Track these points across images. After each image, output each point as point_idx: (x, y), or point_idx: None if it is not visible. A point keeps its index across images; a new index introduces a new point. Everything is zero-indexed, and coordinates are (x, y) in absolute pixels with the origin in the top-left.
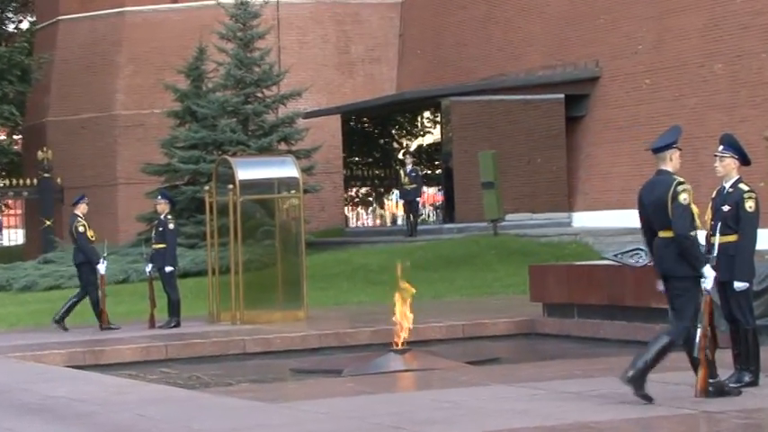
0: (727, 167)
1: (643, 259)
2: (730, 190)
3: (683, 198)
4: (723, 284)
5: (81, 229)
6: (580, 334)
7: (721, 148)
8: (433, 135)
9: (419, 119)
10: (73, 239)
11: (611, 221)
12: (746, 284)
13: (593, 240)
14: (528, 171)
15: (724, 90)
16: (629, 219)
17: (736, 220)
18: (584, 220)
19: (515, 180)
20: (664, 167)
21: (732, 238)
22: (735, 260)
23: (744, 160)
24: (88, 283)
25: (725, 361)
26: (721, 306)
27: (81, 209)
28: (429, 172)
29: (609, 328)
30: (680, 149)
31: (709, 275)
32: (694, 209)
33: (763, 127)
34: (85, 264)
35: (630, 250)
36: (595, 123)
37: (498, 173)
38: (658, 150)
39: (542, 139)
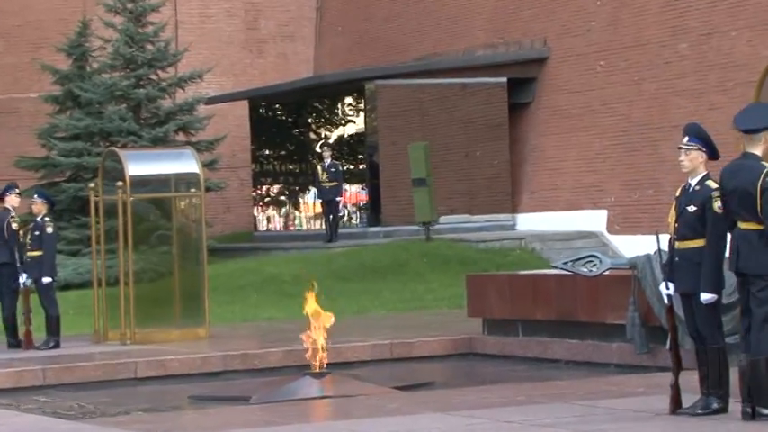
0: (694, 162)
1: (598, 267)
2: (697, 188)
3: None
4: (688, 296)
5: (15, 226)
6: (525, 354)
7: (686, 139)
8: (356, 124)
9: (340, 106)
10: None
11: (561, 224)
12: (714, 296)
13: (540, 246)
14: (466, 166)
15: (689, 73)
16: (582, 221)
17: (702, 222)
18: (530, 222)
19: (451, 177)
20: (752, 151)
21: (698, 243)
22: (701, 269)
23: (712, 153)
24: (7, 290)
25: (691, 384)
26: (686, 321)
27: (11, 201)
28: (351, 167)
29: (558, 347)
30: None
31: None
32: None
33: (733, 115)
34: (8, 265)
35: (584, 257)
36: (543, 111)
37: (431, 168)
38: (753, 132)
39: (482, 130)
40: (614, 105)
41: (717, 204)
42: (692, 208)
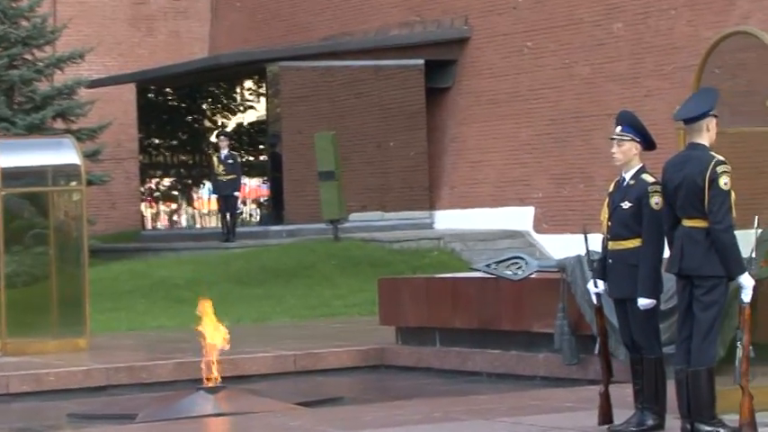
0: (627, 154)
1: (524, 270)
2: (631, 182)
3: (724, 182)
4: (622, 302)
5: None
6: (443, 366)
7: (619, 129)
8: (257, 111)
9: (238, 90)
10: None
11: (483, 222)
12: (652, 302)
13: (460, 246)
14: (378, 158)
15: (625, 56)
16: (507, 219)
17: (638, 220)
18: (449, 220)
19: (362, 169)
20: (698, 140)
21: (633, 242)
22: (637, 271)
23: (647, 144)
24: None
25: (625, 398)
26: (620, 330)
27: None
28: (251, 159)
29: (479, 358)
30: (717, 117)
31: (748, 285)
32: (733, 196)
33: (673, 102)
34: None
35: (508, 259)
36: (464, 97)
37: (340, 160)
38: (692, 120)
39: (397, 118)
40: (542, 91)
41: (654, 200)
42: (626, 204)
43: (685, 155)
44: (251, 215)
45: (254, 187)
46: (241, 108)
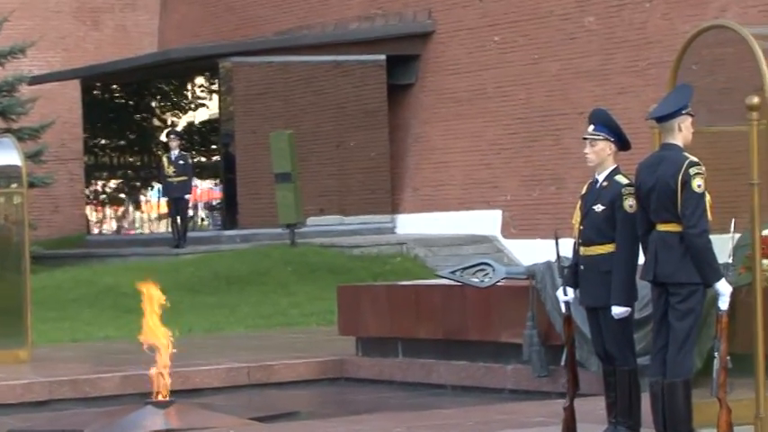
0: (601, 154)
1: (491, 277)
2: (605, 184)
3: (698, 184)
4: (594, 311)
5: None
6: (405, 378)
7: (592, 128)
8: (209, 109)
9: (189, 87)
10: None
11: (448, 227)
12: (627, 310)
13: (424, 252)
14: (338, 159)
15: (596, 51)
16: (473, 223)
17: (612, 224)
18: (412, 224)
19: (321, 171)
20: (671, 141)
21: (607, 248)
22: (610, 278)
23: (622, 144)
24: None
25: (598, 412)
26: (592, 340)
27: None
28: (203, 159)
29: (444, 370)
30: (692, 116)
31: (725, 292)
32: (708, 199)
33: (647, 100)
34: None
35: (474, 265)
36: (428, 94)
37: (297, 161)
38: (663, 119)
39: (357, 116)
40: (510, 88)
41: (628, 202)
42: (599, 207)
43: (658, 156)
44: (203, 219)
45: (206, 190)
46: (192, 106)
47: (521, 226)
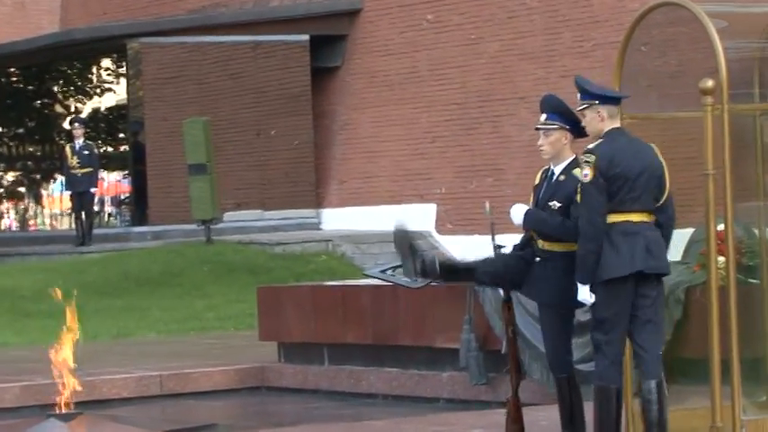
0: (556, 145)
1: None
2: (561, 177)
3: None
4: (549, 309)
5: None
6: (332, 387)
7: (544, 116)
8: (117, 94)
9: (95, 70)
10: None
11: (378, 222)
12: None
13: (352, 250)
14: (258, 148)
15: (539, 31)
16: (405, 218)
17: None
18: (339, 219)
19: (239, 162)
20: (618, 125)
21: (565, 246)
22: (567, 278)
23: (578, 131)
24: None
25: (539, 424)
26: (545, 342)
27: None
28: (110, 149)
29: (374, 378)
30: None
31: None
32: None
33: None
34: None
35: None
36: (355, 78)
37: (213, 151)
38: (618, 102)
39: (279, 102)
40: (446, 71)
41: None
42: (555, 204)
43: (628, 141)
44: (110, 215)
45: (113, 183)
46: (98, 91)
47: (457, 221)
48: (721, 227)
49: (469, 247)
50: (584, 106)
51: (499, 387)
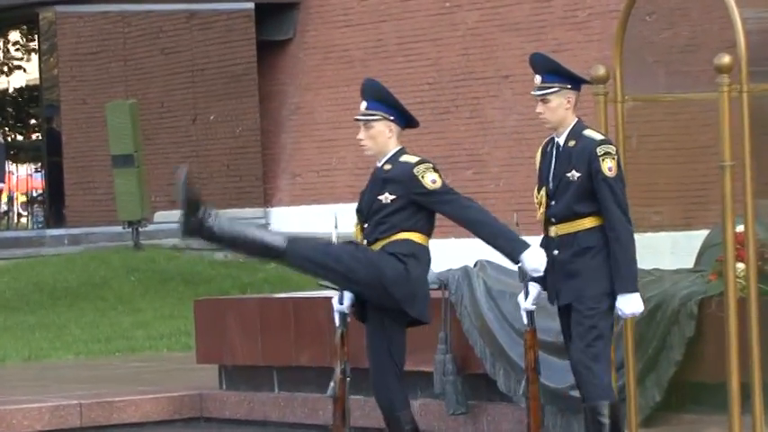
0: (378, 139)
1: None
2: (387, 167)
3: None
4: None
5: None
6: (284, 418)
7: (365, 105)
8: (27, 73)
9: (1, 44)
10: None
11: (337, 223)
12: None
13: None
14: (195, 136)
15: None
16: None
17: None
18: (291, 220)
19: (173, 152)
20: None
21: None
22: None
23: (406, 120)
24: None
25: None
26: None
27: None
28: (19, 138)
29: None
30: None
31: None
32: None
33: (589, 60)
34: None
35: None
36: (309, 53)
37: (141, 139)
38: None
39: (219, 81)
40: (416, 45)
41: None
42: (387, 198)
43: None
44: (20, 215)
45: (23, 177)
46: (5, 69)
47: None
48: (741, 228)
49: (443, 252)
50: (552, 90)
51: (480, 416)
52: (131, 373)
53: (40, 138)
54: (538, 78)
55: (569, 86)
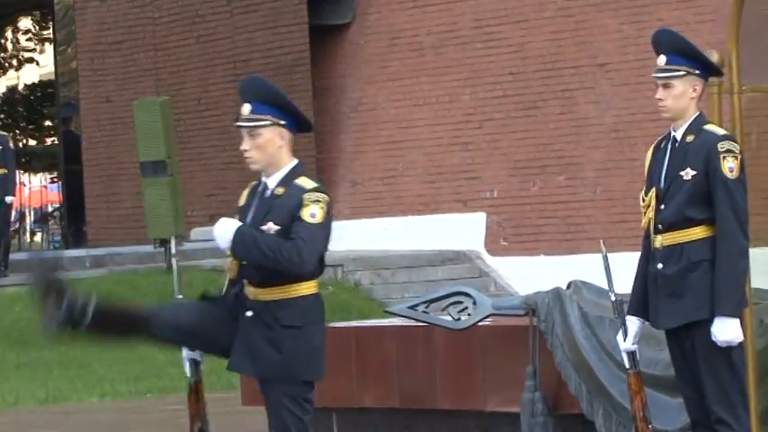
0: (266, 149)
1: (470, 314)
2: (279, 191)
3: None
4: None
5: None
6: None
7: (248, 108)
8: (41, 67)
9: (11, 35)
10: None
11: (404, 240)
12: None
13: (370, 278)
14: (236, 139)
15: None
16: (443, 232)
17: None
18: (352, 236)
19: (211, 159)
20: None
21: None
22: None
23: (299, 124)
24: None
25: None
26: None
27: None
28: (33, 143)
29: None
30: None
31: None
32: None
33: (702, 44)
34: None
35: (445, 296)
36: (371, 40)
37: (176, 143)
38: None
39: (266, 73)
40: (496, 29)
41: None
42: (271, 227)
43: None
44: (34, 233)
45: (36, 189)
46: (14, 62)
47: (515, 236)
48: None
49: (530, 272)
50: (679, 73)
51: None
52: (165, 418)
53: (56, 142)
54: (662, 59)
55: (698, 72)
